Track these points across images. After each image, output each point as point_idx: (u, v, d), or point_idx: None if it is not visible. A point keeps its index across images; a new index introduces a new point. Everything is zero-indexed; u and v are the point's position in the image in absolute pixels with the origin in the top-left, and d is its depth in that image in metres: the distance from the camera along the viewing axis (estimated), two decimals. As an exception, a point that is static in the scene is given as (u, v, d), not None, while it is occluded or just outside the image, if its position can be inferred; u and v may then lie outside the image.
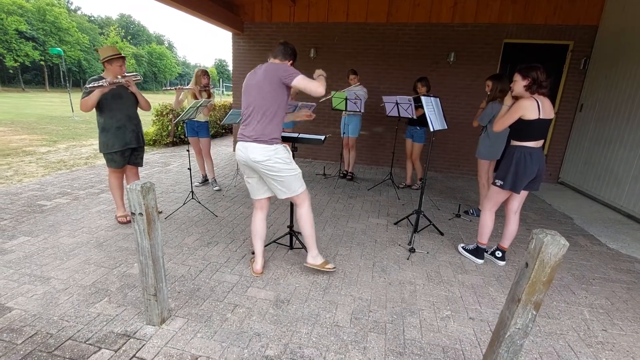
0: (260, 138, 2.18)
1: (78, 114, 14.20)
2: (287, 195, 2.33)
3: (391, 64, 6.17)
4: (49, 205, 3.64)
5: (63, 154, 6.40)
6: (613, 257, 3.12)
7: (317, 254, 2.52)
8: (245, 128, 2.25)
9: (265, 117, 2.18)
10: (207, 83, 4.14)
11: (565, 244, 1.27)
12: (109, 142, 3.00)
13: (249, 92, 2.22)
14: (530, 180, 2.61)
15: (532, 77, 2.45)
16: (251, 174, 2.38)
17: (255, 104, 2.19)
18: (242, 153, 2.26)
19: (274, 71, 2.14)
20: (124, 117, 3.02)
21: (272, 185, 2.32)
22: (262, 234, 2.51)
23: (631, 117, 4.39)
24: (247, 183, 2.45)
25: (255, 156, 2.19)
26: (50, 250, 2.72)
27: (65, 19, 40.91)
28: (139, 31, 69.87)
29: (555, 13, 5.39)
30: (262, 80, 2.16)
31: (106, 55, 2.87)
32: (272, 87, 2.14)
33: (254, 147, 2.19)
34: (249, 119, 2.23)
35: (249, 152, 2.20)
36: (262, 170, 2.24)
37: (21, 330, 1.84)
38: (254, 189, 2.43)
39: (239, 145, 2.28)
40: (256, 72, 2.24)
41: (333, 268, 2.58)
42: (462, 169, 6.35)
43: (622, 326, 2.16)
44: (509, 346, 1.44)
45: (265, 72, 2.17)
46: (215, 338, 1.86)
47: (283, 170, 2.24)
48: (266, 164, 2.20)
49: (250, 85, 2.22)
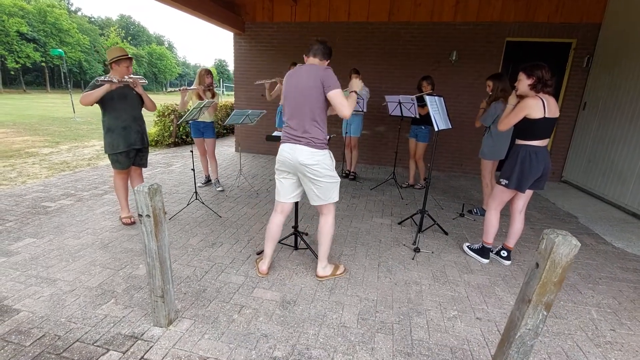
0: (311, 141, 2.18)
1: (80, 115, 14.22)
2: (321, 202, 2.32)
3: (393, 63, 6.15)
4: (54, 206, 3.65)
5: (66, 155, 6.41)
6: (619, 256, 3.11)
7: (327, 264, 2.51)
8: (293, 130, 2.22)
9: (315, 121, 2.18)
10: (210, 82, 4.13)
11: (577, 244, 1.26)
12: (114, 143, 3.00)
13: (296, 95, 2.18)
14: (535, 179, 2.60)
15: (537, 75, 2.44)
16: (288, 176, 2.35)
17: (304, 107, 2.16)
18: (288, 154, 2.23)
19: (319, 75, 2.12)
20: (129, 117, 3.02)
21: (310, 190, 2.30)
22: (277, 237, 2.50)
23: (635, 115, 4.37)
24: (278, 183, 2.40)
25: (304, 159, 2.18)
26: (56, 251, 2.72)
27: (65, 20, 40.94)
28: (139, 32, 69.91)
29: (558, 11, 5.37)
30: (310, 83, 2.14)
31: (114, 56, 2.87)
32: (316, 90, 2.13)
33: (304, 150, 2.18)
34: (296, 121, 2.20)
35: (298, 155, 2.19)
36: (307, 174, 2.22)
37: (29, 332, 1.84)
38: (285, 191, 2.39)
39: (285, 147, 2.25)
40: (300, 73, 2.20)
41: (345, 271, 2.60)
42: (464, 168, 6.34)
43: (631, 326, 2.15)
44: (519, 347, 1.43)
45: (312, 75, 2.14)
46: (223, 339, 1.86)
47: (327, 177, 2.25)
48: (314, 168, 2.19)
49: (297, 88, 2.18)
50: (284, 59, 6.45)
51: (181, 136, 7.91)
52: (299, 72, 2.21)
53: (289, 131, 2.25)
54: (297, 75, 2.22)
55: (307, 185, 2.30)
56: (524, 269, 2.82)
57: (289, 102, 2.24)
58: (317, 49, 2.22)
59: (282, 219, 2.47)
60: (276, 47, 6.59)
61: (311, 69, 2.16)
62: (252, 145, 7.30)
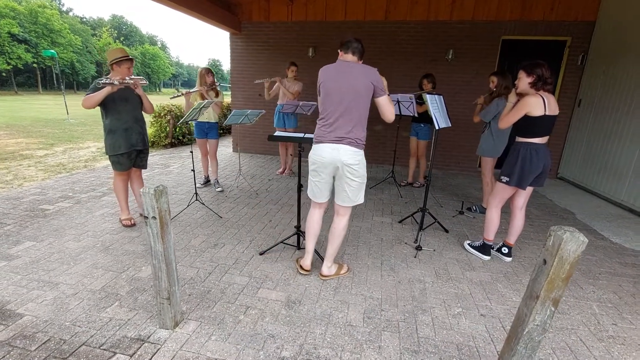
0: (354, 141, 2.16)
1: (73, 117, 14.08)
2: (350, 203, 2.31)
3: (390, 62, 6.16)
4: (52, 209, 3.61)
5: (61, 157, 6.34)
6: (617, 252, 3.16)
7: (332, 264, 2.52)
8: (335, 130, 2.16)
9: (360, 121, 2.17)
10: (212, 81, 4.10)
11: (585, 240, 1.28)
12: (115, 144, 2.98)
13: (348, 93, 2.11)
14: (535, 176, 2.63)
15: (537, 74, 2.46)
16: (326, 177, 2.29)
17: (354, 106, 2.12)
18: (330, 154, 2.17)
19: (373, 77, 2.11)
20: (130, 119, 3.00)
21: (342, 191, 2.28)
22: (317, 232, 2.48)
23: (630, 112, 4.43)
24: (315, 187, 2.35)
25: (348, 159, 2.15)
26: (57, 255, 2.69)
27: (57, 21, 40.47)
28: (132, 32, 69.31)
29: (553, 9, 5.42)
30: (364, 84, 2.10)
31: (115, 57, 2.85)
32: (367, 91, 2.12)
33: (348, 150, 2.15)
34: (343, 121, 2.15)
35: (342, 154, 2.15)
36: (347, 174, 2.20)
37: (34, 337, 1.82)
38: (321, 192, 2.36)
39: (326, 147, 2.19)
40: (350, 71, 2.13)
41: (348, 270, 2.61)
42: (462, 165, 6.38)
43: (632, 320, 2.18)
44: (527, 343, 1.45)
45: (366, 75, 2.11)
46: (230, 340, 1.85)
47: (362, 177, 2.26)
48: (355, 167, 2.18)
49: (351, 86, 2.11)
50: (281, 59, 6.44)
51: (177, 137, 7.86)
52: (348, 69, 2.13)
53: (331, 130, 2.17)
54: (346, 72, 2.13)
55: (341, 186, 2.28)
56: (525, 265, 2.84)
57: (335, 99, 2.14)
58: (356, 47, 2.18)
59: (321, 213, 2.46)
60: (273, 46, 6.57)
61: (364, 69, 2.13)
62: (250, 145, 7.28)
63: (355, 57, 2.19)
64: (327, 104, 2.18)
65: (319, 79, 2.21)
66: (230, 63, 6.90)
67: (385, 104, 2.19)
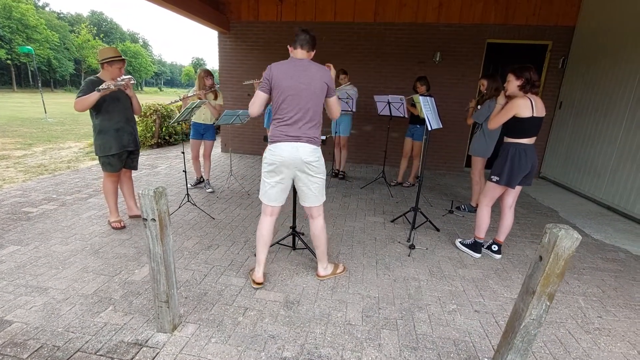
0: (312, 139, 2.19)
1: (52, 116, 13.60)
2: (315, 202, 2.31)
3: (379, 63, 6.24)
4: (36, 212, 3.48)
5: (42, 158, 6.12)
6: (599, 247, 3.30)
7: (327, 264, 2.53)
8: (294, 129, 2.15)
9: (317, 120, 2.20)
10: (211, 84, 4.02)
11: (578, 237, 1.34)
12: (106, 145, 2.91)
13: (306, 93, 2.10)
14: (524, 175, 2.72)
15: (525, 77, 2.55)
16: (282, 179, 2.23)
17: (307, 105, 2.13)
18: (289, 153, 2.14)
19: (327, 78, 2.15)
20: (122, 119, 2.94)
21: (307, 190, 2.26)
22: (270, 241, 2.37)
23: (608, 113, 4.63)
24: (270, 188, 2.26)
25: (307, 156, 2.16)
26: (44, 259, 2.60)
27: (32, 16, 38.96)
28: (112, 29, 67.53)
29: (535, 14, 5.61)
30: (320, 84, 2.12)
31: (107, 56, 2.79)
32: (322, 92, 2.16)
33: (307, 147, 2.16)
34: (298, 121, 2.14)
35: (301, 153, 2.14)
36: (308, 172, 2.20)
37: (25, 344, 1.76)
38: (278, 196, 2.28)
39: (285, 146, 2.14)
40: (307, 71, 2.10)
41: (344, 269, 2.62)
42: (449, 165, 6.51)
43: (615, 312, 2.29)
44: (523, 336, 1.50)
45: (321, 75, 2.13)
46: (230, 342, 1.84)
47: (323, 173, 2.28)
48: (315, 164, 2.20)
49: (309, 87, 2.10)
50: (270, 59, 6.35)
51: (164, 137, 7.72)
52: (303, 69, 2.11)
53: (289, 130, 2.15)
54: (303, 72, 2.10)
55: (304, 185, 2.25)
56: (514, 262, 2.94)
57: (294, 99, 2.11)
58: (304, 39, 2.14)
59: (273, 221, 2.36)
60: (262, 46, 6.54)
61: (319, 70, 2.14)
62: (239, 145, 7.22)
63: (305, 50, 2.16)
64: (285, 103, 2.13)
65: (271, 76, 2.11)
66: (219, 63, 6.82)
67: (335, 104, 2.28)
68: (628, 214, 4.14)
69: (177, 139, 8.08)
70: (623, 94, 4.40)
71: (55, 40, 43.09)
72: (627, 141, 4.25)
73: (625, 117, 4.33)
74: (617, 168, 4.38)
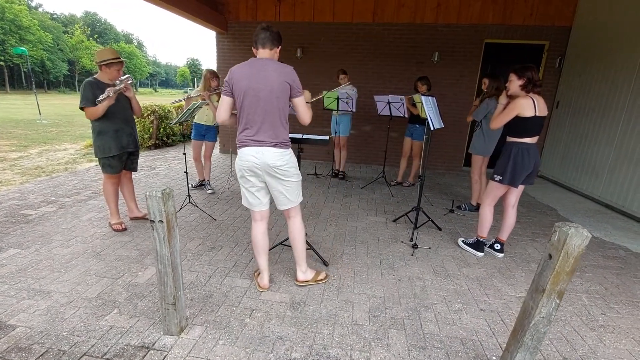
0: (277, 143, 2.06)
1: (46, 117, 13.48)
2: (289, 205, 2.22)
3: (377, 63, 6.25)
4: (35, 214, 3.44)
5: (38, 160, 6.06)
6: (599, 245, 3.33)
7: (307, 268, 2.42)
8: (257, 133, 2.04)
9: (280, 121, 2.06)
10: (217, 85, 3.94)
11: (588, 235, 1.34)
12: (105, 146, 2.89)
13: (265, 95, 1.98)
14: (527, 174, 2.74)
15: (527, 76, 2.57)
16: (256, 183, 2.16)
17: (267, 107, 2.00)
18: (256, 158, 2.05)
19: (284, 75, 1.99)
20: (121, 120, 2.92)
21: (279, 194, 2.17)
22: (267, 246, 2.31)
23: (605, 113, 4.68)
24: (247, 194, 2.20)
25: (274, 161, 2.05)
26: (45, 262, 2.57)
27: (25, 17, 38.59)
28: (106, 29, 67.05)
29: (532, 14, 5.65)
30: (279, 83, 1.98)
31: (105, 58, 2.76)
32: (283, 91, 2.01)
33: (272, 152, 2.05)
34: (260, 125, 2.03)
35: (267, 157, 2.04)
36: (277, 176, 2.09)
37: (30, 349, 1.74)
38: (257, 201, 2.21)
39: (250, 151, 2.06)
40: (263, 71, 1.97)
41: (326, 277, 2.50)
42: (447, 165, 6.54)
43: (618, 309, 2.31)
44: (533, 334, 1.51)
45: (280, 73, 1.98)
46: (238, 344, 1.83)
47: (295, 176, 2.16)
48: (283, 168, 2.08)
49: (266, 87, 1.98)
50: (268, 59, 6.39)
51: (161, 137, 7.67)
52: (260, 69, 1.97)
53: (249, 134, 2.06)
54: (260, 72, 1.97)
55: (276, 189, 2.16)
56: (517, 260, 2.95)
57: (253, 101, 2.00)
58: (264, 38, 1.99)
59: (264, 226, 2.29)
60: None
61: (278, 67, 1.99)
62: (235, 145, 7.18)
63: (268, 49, 2.02)
64: (246, 107, 2.03)
65: (231, 77, 2.02)
66: (217, 63, 6.80)
67: (302, 105, 2.10)
68: (626, 211, 4.18)
69: (175, 139, 8.04)
70: (620, 95, 4.44)
71: (48, 41, 42.71)
72: (624, 142, 4.29)
73: (622, 118, 4.37)
74: (614, 167, 4.42)
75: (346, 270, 2.65)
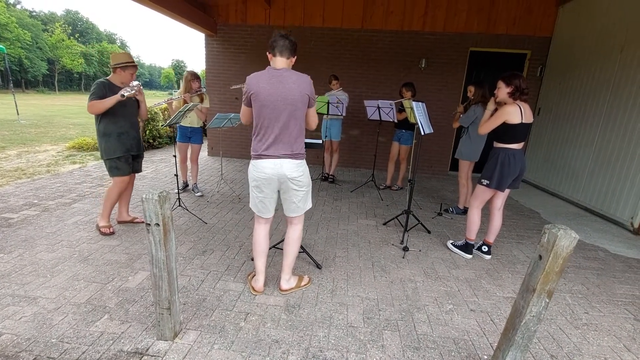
0: (295, 154, 2.08)
1: (24, 117, 13.01)
2: (298, 213, 2.24)
3: (366, 68, 6.34)
4: (16, 218, 3.33)
5: (17, 162, 5.84)
6: (580, 247, 3.46)
7: (291, 276, 2.40)
8: (274, 144, 2.04)
9: (300, 133, 2.09)
10: (198, 87, 3.97)
11: (576, 236, 1.41)
12: (110, 148, 2.91)
13: (277, 107, 1.97)
14: (513, 179, 2.83)
15: (515, 84, 2.67)
16: (270, 194, 2.17)
17: (286, 119, 2.00)
18: (273, 170, 2.06)
19: (308, 89, 2.03)
20: (126, 123, 2.95)
21: (290, 202, 2.19)
22: (266, 249, 2.32)
23: (584, 119, 4.89)
24: (259, 202, 2.20)
25: (292, 172, 2.07)
26: (30, 267, 2.49)
27: (3, 14, 37.27)
28: (88, 29, 65.47)
29: (515, 24, 5.86)
30: (293, 95, 1.97)
31: (121, 61, 2.81)
32: (303, 103, 2.03)
33: (290, 164, 2.07)
34: (278, 137, 2.03)
35: (285, 169, 2.06)
36: (292, 186, 2.12)
37: (17, 357, 1.68)
38: (265, 207, 2.21)
39: (267, 163, 2.06)
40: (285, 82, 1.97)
41: (309, 281, 2.50)
42: (434, 169, 6.67)
43: (600, 308, 2.41)
44: (524, 333, 1.57)
45: (301, 86, 1.99)
46: (234, 348, 1.82)
47: (308, 185, 2.20)
48: (300, 179, 2.12)
49: (287, 99, 1.97)
50: (258, 62, 6.39)
51: (148, 140, 7.53)
52: (281, 80, 1.97)
53: (270, 146, 2.04)
54: (281, 84, 1.97)
55: (289, 198, 2.18)
56: (503, 262, 3.04)
57: (272, 114, 1.99)
58: (283, 46, 1.99)
59: (267, 228, 2.31)
60: (250, 49, 6.52)
61: (299, 79, 2.00)
62: (226, 149, 7.14)
63: (285, 57, 2.02)
64: (263, 118, 2.01)
65: (249, 88, 2.00)
66: (206, 65, 6.75)
67: (314, 114, 2.19)
68: (604, 214, 4.37)
69: (162, 142, 7.91)
70: (597, 101, 4.65)
71: (27, 39, 41.35)
72: (603, 145, 4.49)
73: (600, 122, 4.58)
74: (593, 171, 4.62)
75: (339, 273, 2.68)
